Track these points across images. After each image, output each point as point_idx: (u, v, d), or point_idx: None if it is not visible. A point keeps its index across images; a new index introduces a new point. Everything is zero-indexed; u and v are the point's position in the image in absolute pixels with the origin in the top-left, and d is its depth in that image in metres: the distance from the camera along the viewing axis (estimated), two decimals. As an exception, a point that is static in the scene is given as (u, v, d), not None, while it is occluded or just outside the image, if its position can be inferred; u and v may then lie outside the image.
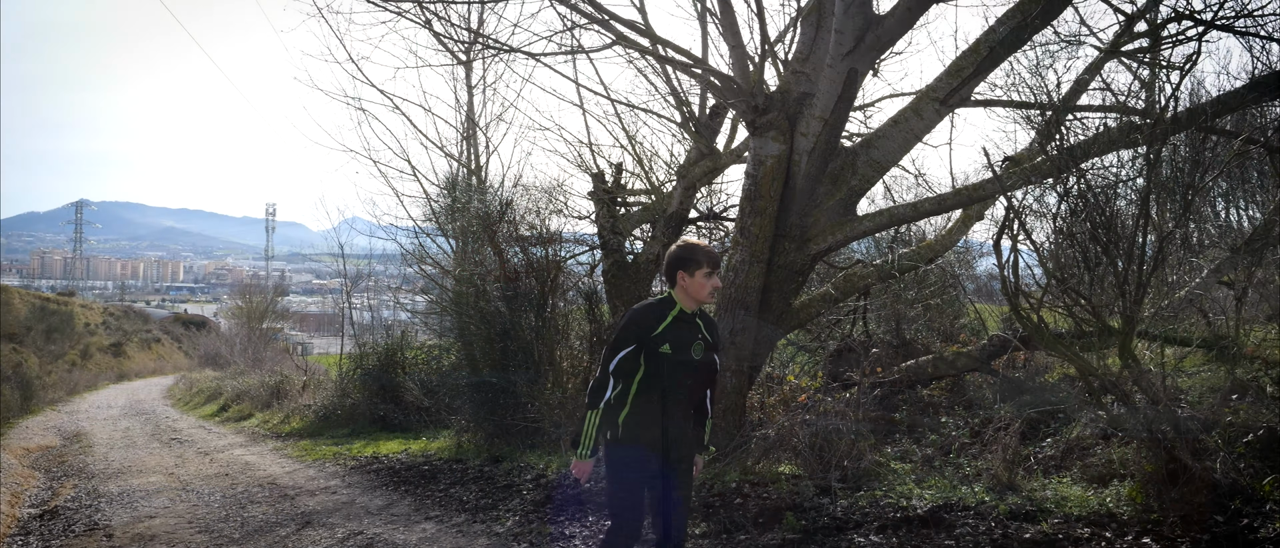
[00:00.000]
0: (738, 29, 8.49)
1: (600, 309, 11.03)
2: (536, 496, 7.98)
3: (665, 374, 4.17)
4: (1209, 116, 6.14)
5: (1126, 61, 8.72)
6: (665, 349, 4.16)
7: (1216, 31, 7.03)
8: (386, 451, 12.12)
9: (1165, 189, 6.31)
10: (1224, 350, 7.55)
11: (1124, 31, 8.29)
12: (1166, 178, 6.39)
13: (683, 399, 4.27)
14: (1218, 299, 9.00)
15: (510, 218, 11.33)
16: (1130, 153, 6.72)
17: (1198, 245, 8.37)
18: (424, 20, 9.89)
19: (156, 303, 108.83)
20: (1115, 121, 6.88)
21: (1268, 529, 4.89)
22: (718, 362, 4.42)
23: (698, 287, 4.25)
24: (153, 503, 9.41)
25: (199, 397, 27.40)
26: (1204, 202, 8.15)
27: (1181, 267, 7.53)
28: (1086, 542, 5.19)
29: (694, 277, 4.25)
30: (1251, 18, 6.85)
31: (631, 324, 4.23)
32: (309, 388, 19.88)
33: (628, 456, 4.20)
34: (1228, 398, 6.55)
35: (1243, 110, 6.76)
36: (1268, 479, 5.38)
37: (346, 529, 7.61)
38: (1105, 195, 6.38)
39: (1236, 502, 5.24)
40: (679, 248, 4.35)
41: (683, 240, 4.43)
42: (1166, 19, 8.08)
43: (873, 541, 5.75)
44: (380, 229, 19.03)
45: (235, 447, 14.66)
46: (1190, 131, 6.20)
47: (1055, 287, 6.48)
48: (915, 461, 7.39)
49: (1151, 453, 5.76)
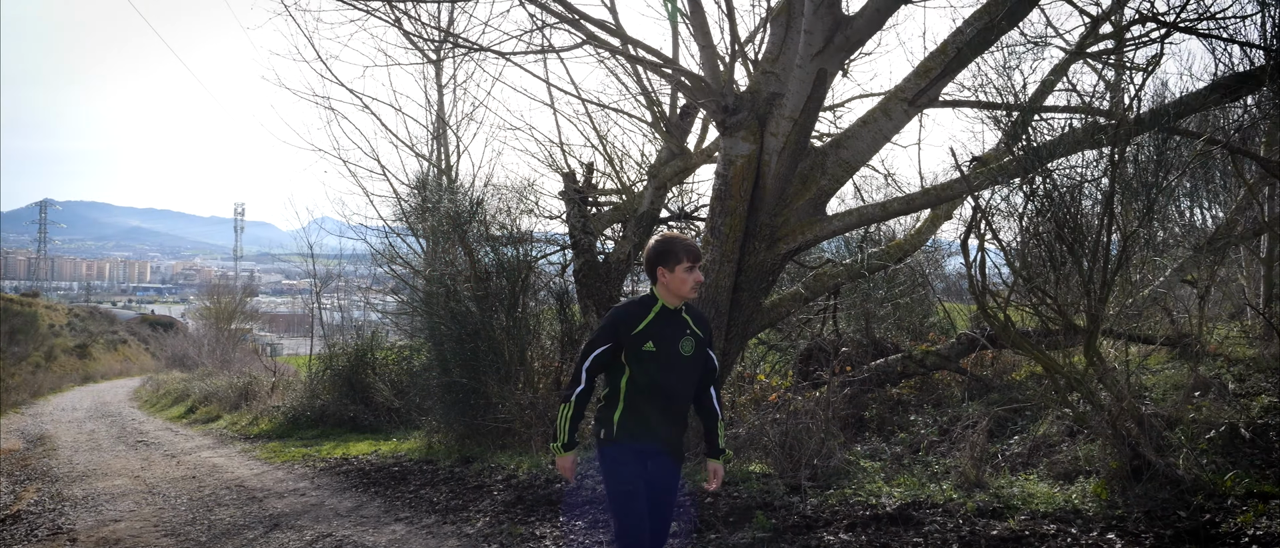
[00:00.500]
0: (708, 29, 8.51)
1: (572, 309, 11.01)
2: (507, 496, 7.96)
3: (654, 373, 4.08)
4: (1171, 117, 6.22)
5: (1092, 63, 8.83)
6: (649, 347, 4.06)
7: (1180, 33, 7.12)
8: (356, 452, 12.04)
9: (1129, 189, 6.38)
10: (1187, 348, 7.66)
11: (1089, 33, 8.39)
12: (1131, 178, 6.45)
13: (677, 397, 4.18)
14: (1181, 298, 9.12)
15: (481, 217, 11.29)
16: (1095, 153, 6.78)
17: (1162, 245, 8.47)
18: (394, 19, 9.82)
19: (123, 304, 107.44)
20: (1081, 122, 6.94)
21: (1229, 524, 4.96)
22: (713, 357, 4.32)
23: (679, 282, 4.13)
24: (118, 506, 9.30)
25: (166, 399, 27.08)
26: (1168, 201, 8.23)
27: (1145, 266, 7.62)
28: (1052, 538, 5.24)
29: (674, 272, 4.12)
30: (1214, 20, 6.93)
31: (610, 323, 4.15)
32: (278, 389, 19.70)
33: (622, 455, 4.11)
34: (1191, 395, 6.64)
35: (1205, 111, 6.84)
36: (1229, 475, 5.47)
37: (315, 532, 7.55)
38: (1071, 195, 6.44)
39: (1199, 497, 5.32)
40: (657, 243, 4.22)
41: (661, 235, 4.31)
42: (1131, 21, 8.19)
43: (842, 539, 5.78)
44: (350, 229, 18.93)
45: (203, 449, 14.50)
46: (1153, 132, 6.27)
47: (1022, 286, 6.55)
48: (885, 459, 7.44)
49: (1116, 450, 5.83)
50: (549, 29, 8.61)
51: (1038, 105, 7.67)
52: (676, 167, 10.34)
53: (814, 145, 8.34)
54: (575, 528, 6.83)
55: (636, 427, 4.12)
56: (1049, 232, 6.48)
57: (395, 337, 18.40)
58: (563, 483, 7.78)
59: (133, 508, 9.18)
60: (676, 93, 10.30)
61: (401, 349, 16.70)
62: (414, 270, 16.13)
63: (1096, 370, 6.23)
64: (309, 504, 8.79)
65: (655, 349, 4.07)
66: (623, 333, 4.09)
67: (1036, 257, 6.85)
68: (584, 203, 10.53)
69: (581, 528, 6.82)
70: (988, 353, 9.03)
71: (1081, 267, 6.10)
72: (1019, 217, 6.83)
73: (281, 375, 22.29)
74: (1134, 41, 8.41)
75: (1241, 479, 5.41)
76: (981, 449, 6.71)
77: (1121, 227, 6.16)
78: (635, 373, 4.11)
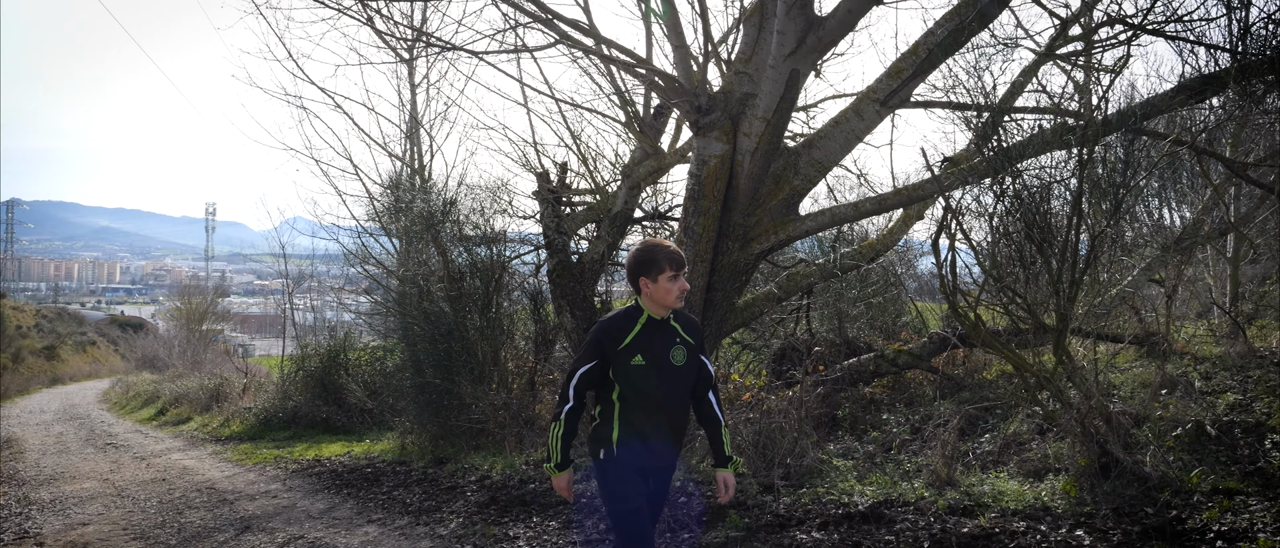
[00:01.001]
0: (681, 29, 8.52)
1: (546, 310, 10.98)
2: (480, 497, 7.94)
3: (647, 386, 3.94)
4: (1139, 119, 6.29)
5: (1062, 64, 8.91)
6: (639, 361, 3.91)
7: (1147, 36, 7.21)
8: (329, 453, 11.96)
9: (1098, 189, 6.45)
10: (1155, 347, 7.75)
11: (1059, 35, 8.47)
12: (1099, 178, 6.52)
13: (673, 409, 4.05)
14: (1149, 297, 9.23)
15: (454, 217, 11.24)
16: (1064, 153, 6.85)
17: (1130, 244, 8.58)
18: (366, 17, 9.74)
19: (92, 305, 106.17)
20: (1050, 123, 7.01)
21: (1195, 520, 5.03)
22: (709, 364, 4.19)
23: (663, 292, 3.94)
24: (86, 510, 9.19)
25: (136, 400, 26.78)
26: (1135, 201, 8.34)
27: (1114, 265, 7.71)
28: (1022, 535, 5.29)
29: (657, 282, 3.93)
30: (1181, 22, 7.02)
31: (594, 340, 3.98)
32: (250, 390, 19.53)
33: (624, 474, 3.97)
34: (1158, 393, 6.72)
35: (1173, 112, 6.93)
36: (1196, 472, 5.53)
37: (287, 534, 7.49)
38: (1040, 195, 6.50)
39: (1166, 494, 5.38)
40: (639, 252, 4.00)
41: (642, 243, 4.08)
42: (1099, 23, 8.27)
43: (815, 537, 5.80)
44: (322, 229, 18.78)
45: (173, 451, 14.36)
46: (1121, 133, 6.35)
47: (992, 285, 6.60)
48: (857, 457, 7.48)
49: (1084, 447, 5.89)
50: (522, 28, 8.59)
51: (1008, 106, 7.73)
52: (650, 166, 10.34)
53: (787, 145, 8.37)
54: (549, 528, 6.82)
55: (635, 444, 3.97)
56: (1019, 231, 6.54)
57: (368, 337, 18.30)
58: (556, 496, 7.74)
59: (101, 511, 9.08)
60: (650, 93, 10.30)
61: (375, 350, 16.61)
62: (387, 271, 16.05)
63: (1065, 369, 6.30)
64: (281, 506, 8.73)
65: (645, 363, 3.93)
66: (608, 349, 3.94)
67: (1006, 256, 6.92)
68: (558, 203, 10.50)
69: (555, 528, 6.81)
70: (959, 352, 9.09)
71: (1050, 266, 6.16)
72: (989, 216, 6.89)
73: (253, 377, 22.10)
74: (1102, 43, 8.50)
75: (1207, 476, 5.48)
76: (953, 448, 6.76)
77: (1090, 226, 6.23)
78: (626, 389, 3.96)
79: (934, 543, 5.40)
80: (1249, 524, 4.90)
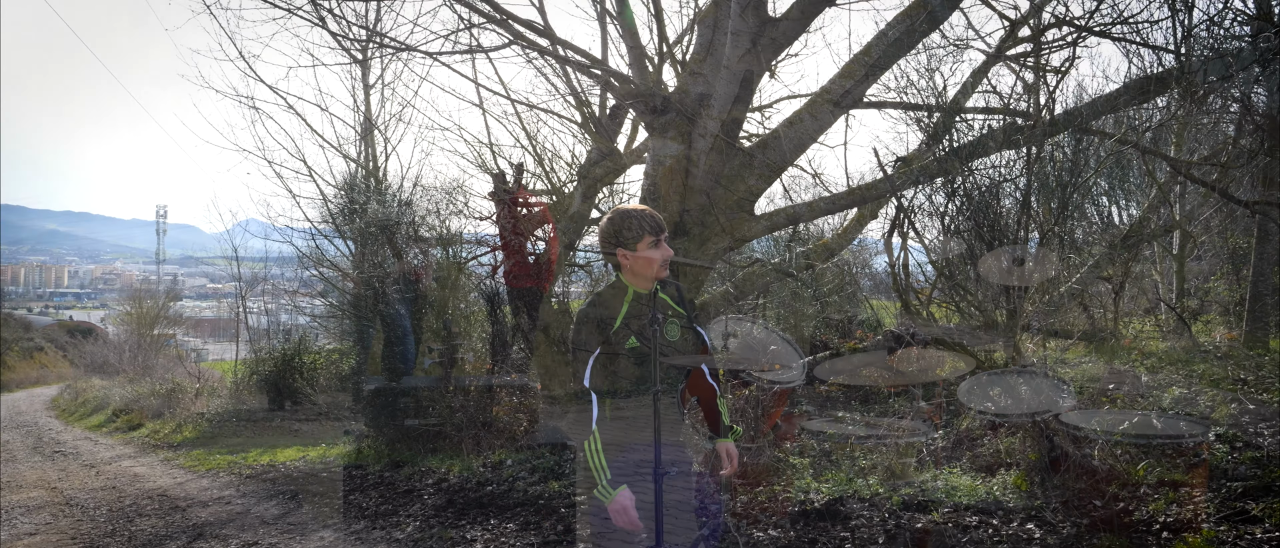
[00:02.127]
0: (636, 30, 8.54)
1: (502, 311, 10.95)
2: (438, 500, 7.89)
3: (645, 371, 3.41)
4: (1085, 118, 6.41)
5: (1011, 65, 9.04)
6: (632, 343, 3.39)
7: (1094, 37, 7.34)
8: (283, 458, 11.82)
9: (1046, 187, 6.56)
10: (1103, 342, 7.90)
11: (1008, 36, 8.59)
12: (1048, 176, 6.63)
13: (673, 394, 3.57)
14: (1098, 293, 9.39)
15: (410, 219, 11.17)
16: (1014, 153, 6.96)
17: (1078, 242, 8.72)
18: (319, 18, 9.66)
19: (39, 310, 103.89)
20: (1000, 123, 7.12)
21: (1141, 512, 5.13)
22: (705, 335, 3.69)
23: (645, 262, 3.45)
24: (33, 520, 9.00)
25: (85, 407, 26.25)
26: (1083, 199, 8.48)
27: (1063, 263, 7.83)
28: (974, 529, 5.36)
29: (637, 251, 3.44)
30: (1126, 24, 7.16)
31: (591, 327, 3.43)
32: (203, 395, 19.25)
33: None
34: (1106, 388, 6.84)
35: (1121, 112, 7.06)
36: (1142, 464, 5.64)
37: (241, 541, 7.40)
38: (990, 194, 6.60)
39: (1114, 487, 5.48)
40: (611, 221, 3.51)
41: (614, 211, 3.57)
42: (1047, 25, 8.40)
43: (772, 535, 5.83)
44: (276, 231, 18.54)
45: (124, 458, 14.11)
46: (1069, 132, 6.46)
47: (944, 283, 6.68)
48: (813, 455, 7.53)
49: (1035, 442, 5.98)
50: (477, 29, 8.56)
51: (959, 106, 7.84)
52: (607, 167, 10.34)
53: (742, 145, 8.41)
54: (507, 531, 6.80)
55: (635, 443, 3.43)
56: (969, 230, 6.63)
57: (324, 340, 18.11)
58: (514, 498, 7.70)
59: (49, 521, 8.90)
60: (606, 93, 10.30)
61: (330, 353, 16.46)
62: (342, 273, 15.92)
63: (1016, 365, 6.39)
64: (234, 512, 8.61)
65: (640, 344, 3.41)
66: (607, 332, 3.41)
67: (957, 254, 7.01)
68: (514, 204, 10.47)
69: (512, 531, 6.79)
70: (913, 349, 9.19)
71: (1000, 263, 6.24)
72: (941, 215, 6.98)
73: (206, 381, 21.76)
74: (1051, 45, 8.63)
75: (1153, 469, 5.59)
76: (907, 444, 6.84)
77: (1040, 224, 6.33)
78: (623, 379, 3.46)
79: (888, 539, 5.45)
80: (1193, 515, 5.01)
